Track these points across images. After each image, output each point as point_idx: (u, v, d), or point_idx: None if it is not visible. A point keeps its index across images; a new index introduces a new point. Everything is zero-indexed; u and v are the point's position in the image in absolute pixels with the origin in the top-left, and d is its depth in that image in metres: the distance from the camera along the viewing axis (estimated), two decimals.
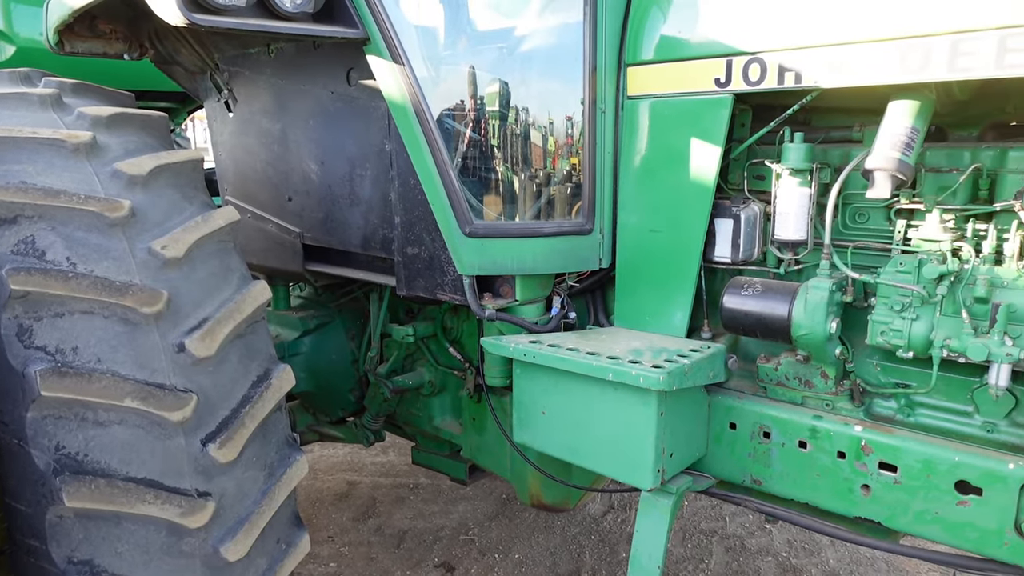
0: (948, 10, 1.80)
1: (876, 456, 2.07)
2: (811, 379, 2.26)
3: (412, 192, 2.51)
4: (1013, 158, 2.02)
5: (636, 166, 2.48)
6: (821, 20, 2.03)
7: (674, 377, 2.07)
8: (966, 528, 1.96)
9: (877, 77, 1.93)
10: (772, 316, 2.20)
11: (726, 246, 2.36)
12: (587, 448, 2.35)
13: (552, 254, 2.49)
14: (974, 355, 1.89)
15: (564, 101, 2.57)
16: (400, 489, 4.79)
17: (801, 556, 4.12)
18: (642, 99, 2.43)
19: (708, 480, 2.41)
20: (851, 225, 2.29)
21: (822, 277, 2.16)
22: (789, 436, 2.23)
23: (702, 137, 2.29)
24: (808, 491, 2.22)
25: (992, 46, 1.72)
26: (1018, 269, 1.93)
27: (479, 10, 3.49)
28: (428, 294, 2.63)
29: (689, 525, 4.40)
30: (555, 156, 2.63)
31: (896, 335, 2.04)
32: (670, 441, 2.21)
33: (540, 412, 2.45)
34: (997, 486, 1.89)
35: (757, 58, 2.13)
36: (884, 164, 1.90)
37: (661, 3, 2.38)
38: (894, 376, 2.23)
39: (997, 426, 2.05)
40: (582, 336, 2.51)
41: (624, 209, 2.53)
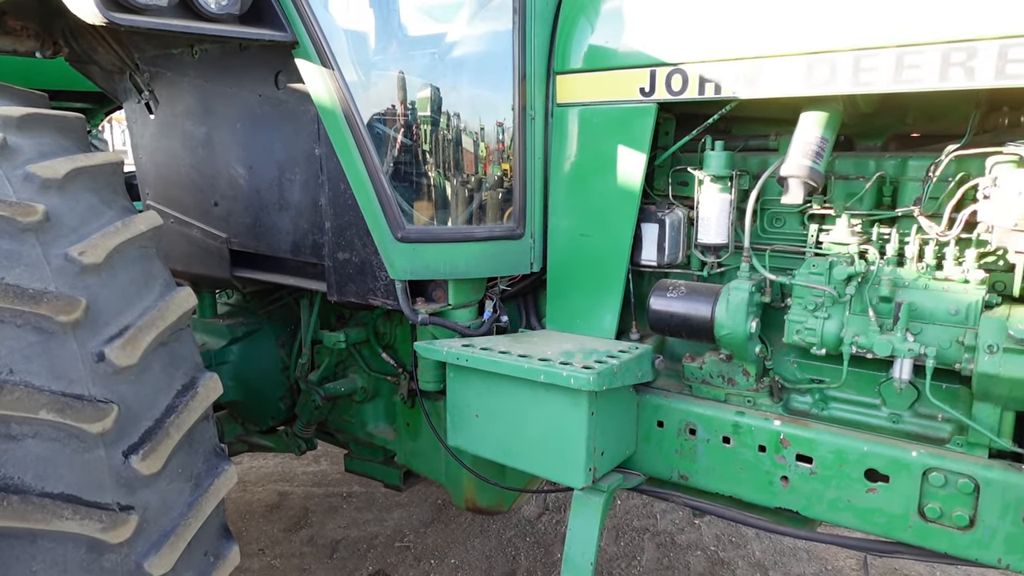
0: (851, 28, 1.92)
1: (794, 449, 2.18)
2: (733, 377, 2.35)
3: (343, 197, 2.49)
4: (913, 167, 2.17)
5: (566, 172, 2.54)
6: (738, 35, 2.13)
7: (603, 377, 2.13)
8: (875, 514, 2.08)
9: (789, 89, 2.04)
10: (696, 317, 2.28)
11: (652, 250, 2.44)
12: (520, 450, 2.38)
13: (484, 258, 2.52)
14: (880, 351, 2.02)
15: (495, 107, 2.60)
16: (333, 498, 4.72)
17: (729, 549, 4.26)
18: (570, 107, 2.49)
19: (638, 477, 2.48)
20: (769, 229, 2.40)
21: (742, 279, 2.26)
22: (713, 432, 2.31)
23: (628, 144, 2.36)
24: (732, 484, 2.31)
25: (891, 62, 1.85)
26: (918, 270, 2.07)
27: (410, 15, 3.49)
28: (360, 299, 2.61)
29: (621, 523, 4.49)
30: (487, 161, 2.66)
31: (810, 333, 2.15)
32: (601, 440, 2.26)
33: (474, 415, 2.47)
34: (902, 473, 2.02)
35: (679, 69, 2.22)
36: (796, 171, 2.01)
37: (588, 14, 2.45)
38: (809, 372, 2.35)
39: (902, 417, 2.18)
40: (514, 339, 2.54)
41: (554, 214, 2.58)
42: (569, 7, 2.47)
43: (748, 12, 2.12)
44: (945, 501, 1.97)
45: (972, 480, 1.92)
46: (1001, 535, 1.91)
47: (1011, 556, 1.90)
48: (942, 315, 1.99)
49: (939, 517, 1.98)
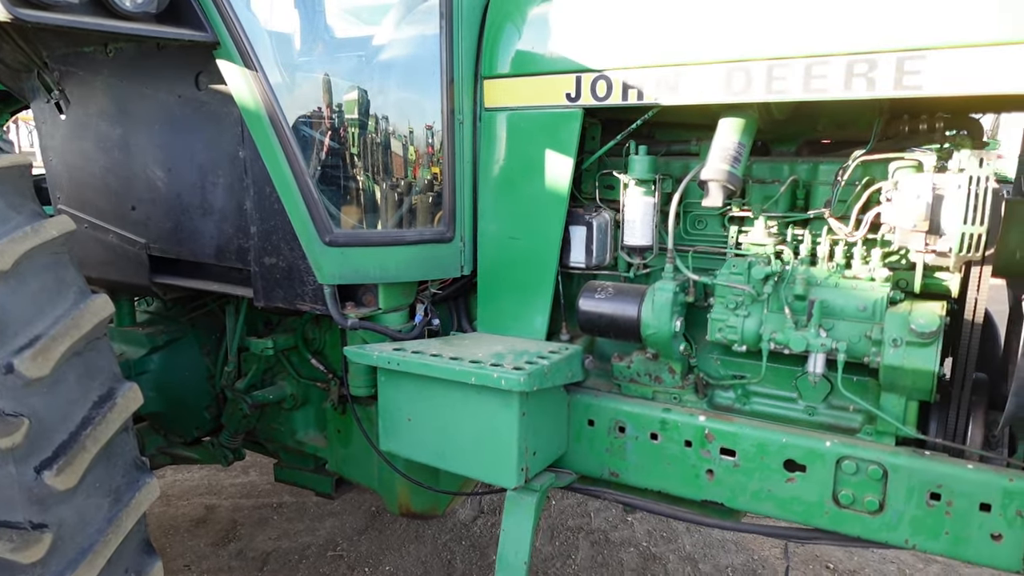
0: (764, 39, 2.02)
1: (718, 443, 2.26)
2: (660, 375, 2.42)
3: (268, 201, 2.44)
4: (823, 171, 2.29)
5: (495, 175, 2.56)
6: (659, 43, 2.20)
7: (534, 378, 2.16)
8: (794, 502, 2.18)
9: (707, 96, 2.12)
10: (623, 317, 2.34)
11: (581, 252, 2.49)
12: (453, 452, 2.38)
13: (414, 262, 2.52)
14: (795, 346, 2.12)
15: (423, 111, 2.60)
16: (263, 509, 4.60)
17: (660, 544, 4.36)
18: (498, 111, 2.51)
19: (570, 476, 2.52)
20: (691, 231, 2.49)
21: (666, 280, 2.33)
22: (642, 429, 2.37)
23: (555, 148, 2.40)
24: (660, 479, 2.38)
25: (800, 72, 1.95)
26: (829, 269, 2.18)
27: (337, 17, 3.45)
28: (288, 305, 2.56)
29: (556, 523, 4.54)
30: (416, 165, 2.66)
31: (731, 331, 2.23)
32: (532, 440, 2.29)
33: (406, 419, 2.46)
34: (817, 463, 2.12)
35: (603, 75, 2.27)
36: (715, 176, 2.09)
37: (515, 20, 2.48)
38: (732, 369, 2.44)
39: (817, 409, 2.29)
40: (445, 342, 2.54)
41: (484, 217, 2.60)
42: (495, 13, 2.49)
43: (669, 21, 2.19)
44: (857, 487, 2.08)
45: (881, 467, 2.03)
46: (908, 518, 2.02)
47: (917, 537, 2.02)
48: (851, 312, 2.10)
49: (852, 503, 2.09)
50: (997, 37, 1.73)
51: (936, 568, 4.03)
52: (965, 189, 1.85)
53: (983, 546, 1.94)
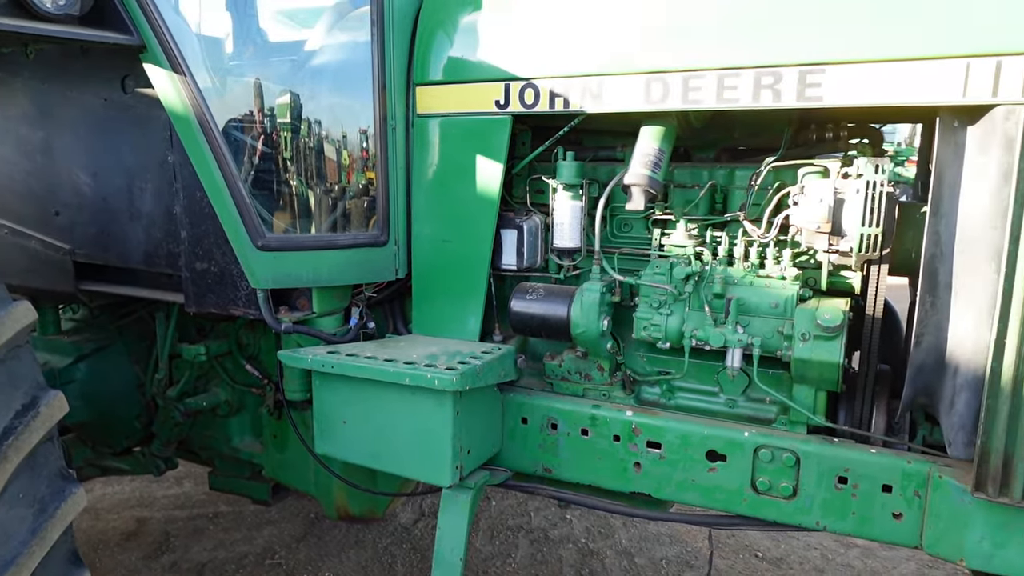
0: (679, 52, 2.13)
1: (644, 436, 2.35)
2: (589, 372, 2.51)
3: (199, 205, 2.43)
4: (739, 176, 2.42)
5: (428, 180, 2.61)
6: (584, 54, 2.29)
7: (467, 378, 2.21)
8: (716, 491, 2.29)
9: (629, 105, 2.22)
10: (553, 317, 2.42)
11: (512, 255, 2.56)
12: (388, 453, 2.42)
13: (348, 266, 2.54)
14: (714, 342, 2.23)
15: (356, 116, 2.63)
16: (198, 520, 4.51)
17: (598, 540, 4.46)
18: (431, 117, 2.56)
19: (505, 473, 2.58)
20: (618, 234, 2.59)
21: (594, 281, 2.42)
22: (573, 425, 2.45)
23: (486, 154, 2.47)
24: (591, 473, 2.46)
25: (713, 83, 2.07)
26: (744, 269, 2.31)
27: (269, 22, 3.44)
28: (220, 310, 2.55)
29: (496, 523, 4.59)
30: (350, 170, 2.68)
31: (656, 329, 2.34)
32: (467, 439, 2.35)
33: (341, 422, 2.48)
34: (737, 452, 2.24)
35: (531, 84, 2.35)
36: (637, 180, 2.19)
37: (446, 28, 2.53)
38: (657, 365, 2.54)
39: (736, 402, 2.42)
40: (380, 344, 2.58)
41: (418, 221, 2.64)
42: (427, 21, 2.55)
43: (593, 33, 2.29)
44: (773, 474, 2.20)
45: (794, 454, 2.16)
46: (819, 501, 2.16)
47: (827, 519, 2.16)
48: (765, 308, 2.23)
49: (768, 489, 2.21)
50: (887, 54, 1.87)
51: (855, 552, 4.25)
52: (863, 193, 1.99)
53: (886, 524, 2.08)
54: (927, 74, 1.83)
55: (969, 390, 1.90)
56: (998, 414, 1.79)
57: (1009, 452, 1.79)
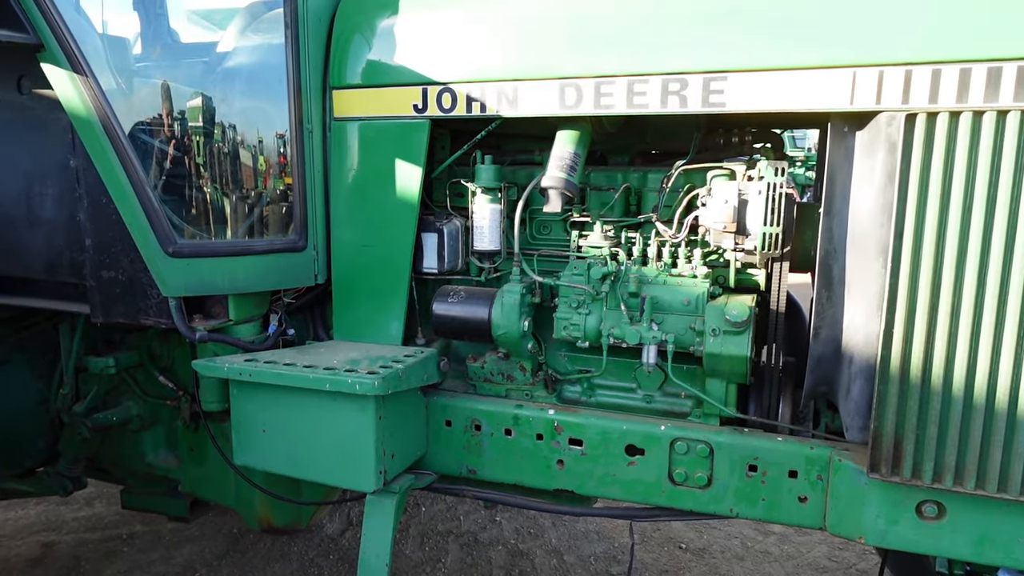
0: (591, 59, 2.20)
1: (567, 434, 2.40)
2: (512, 373, 2.55)
3: (105, 211, 2.34)
4: (652, 179, 2.51)
5: (347, 184, 2.59)
6: (500, 59, 2.33)
7: (389, 382, 2.21)
8: (636, 484, 2.36)
9: (544, 110, 2.27)
10: (475, 319, 2.45)
11: (433, 258, 2.57)
12: (310, 460, 2.38)
13: (266, 272, 2.49)
14: (631, 340, 2.31)
15: (272, 120, 2.59)
16: (111, 542, 4.30)
17: (527, 540, 4.51)
18: (348, 121, 2.55)
19: (430, 476, 2.58)
20: (537, 236, 2.64)
21: (514, 282, 2.46)
22: (496, 426, 2.48)
23: (405, 158, 2.47)
24: (515, 472, 2.49)
25: (623, 89, 2.15)
26: (658, 268, 2.39)
27: (180, 22, 3.34)
28: (130, 320, 2.46)
29: (426, 529, 4.57)
30: (266, 174, 2.64)
31: (575, 328, 2.40)
32: (390, 443, 2.34)
33: (261, 431, 2.43)
34: (654, 446, 2.31)
35: (448, 88, 2.37)
36: (554, 183, 2.25)
37: (363, 32, 2.53)
38: (578, 364, 2.60)
39: (653, 397, 2.50)
40: (300, 351, 2.54)
41: (337, 225, 2.62)
42: (343, 24, 2.53)
43: (508, 39, 2.33)
44: (688, 465, 2.28)
45: (708, 445, 2.25)
46: (731, 489, 2.25)
47: (739, 505, 2.25)
48: (678, 306, 2.32)
49: (685, 480, 2.29)
50: (783, 63, 1.99)
51: (773, 539, 4.43)
52: (764, 195, 2.10)
53: (793, 508, 2.19)
54: (818, 83, 1.95)
55: (862, 378, 2.03)
56: (888, 400, 1.92)
57: (899, 435, 1.92)
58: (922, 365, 1.87)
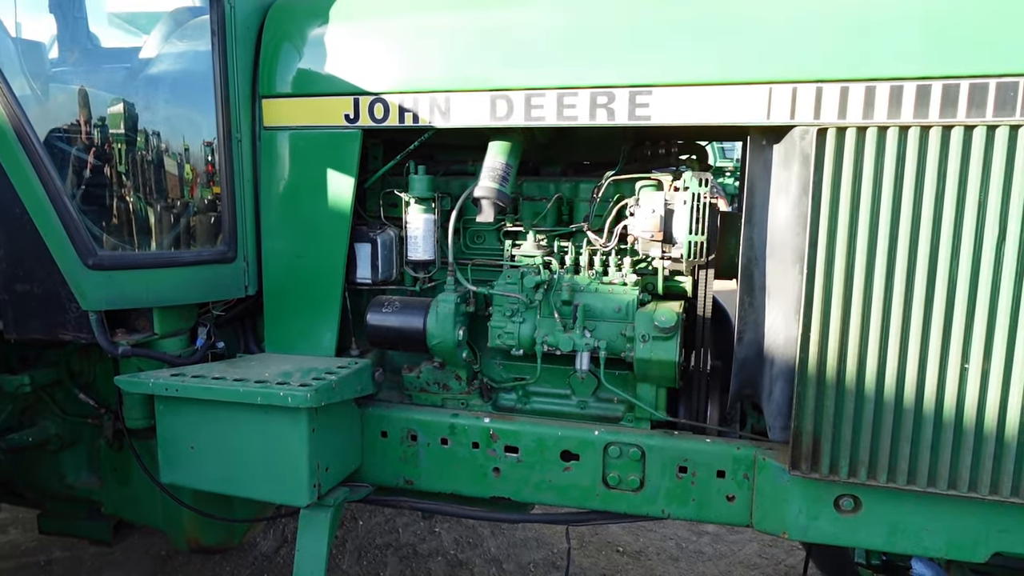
0: (522, 71, 2.24)
1: (502, 441, 2.42)
2: (447, 382, 2.55)
3: (18, 222, 2.24)
4: (583, 189, 2.56)
5: (277, 194, 2.55)
6: (432, 70, 2.35)
7: (321, 394, 2.18)
8: (571, 489, 2.40)
9: (476, 121, 2.30)
10: (410, 329, 2.44)
11: (367, 268, 2.55)
12: (241, 476, 2.33)
13: (193, 283, 2.43)
14: (564, 347, 2.35)
15: (199, 128, 2.53)
16: (27, 570, 4.08)
17: (467, 550, 4.50)
18: (279, 130, 2.52)
19: (365, 488, 2.56)
20: (471, 246, 2.66)
21: (449, 292, 2.48)
22: (432, 435, 2.48)
23: (337, 168, 2.46)
24: (452, 482, 2.50)
25: (553, 101, 2.19)
26: (589, 277, 2.44)
27: (101, 27, 3.23)
28: (46, 335, 2.36)
29: (364, 543, 4.51)
30: (193, 184, 2.58)
31: (509, 336, 2.42)
32: (324, 456, 2.31)
33: (189, 448, 2.36)
34: (588, 450, 2.35)
35: (380, 98, 2.37)
36: (486, 194, 2.27)
37: (293, 40, 2.50)
38: (513, 372, 2.63)
39: (587, 403, 2.55)
40: (230, 364, 2.49)
41: (268, 236, 2.58)
42: (272, 32, 2.50)
43: (440, 50, 2.35)
44: (621, 469, 2.33)
45: (640, 448, 2.30)
46: (663, 490, 2.31)
47: (671, 506, 2.32)
48: (609, 313, 2.37)
49: (618, 483, 2.34)
50: (704, 78, 2.07)
51: (706, 539, 4.55)
52: (689, 205, 2.18)
53: (721, 507, 2.27)
54: (737, 98, 2.04)
55: (783, 379, 2.13)
56: (807, 400, 2.01)
57: (817, 433, 2.02)
58: (837, 366, 1.97)
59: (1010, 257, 1.82)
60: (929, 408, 1.93)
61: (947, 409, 1.91)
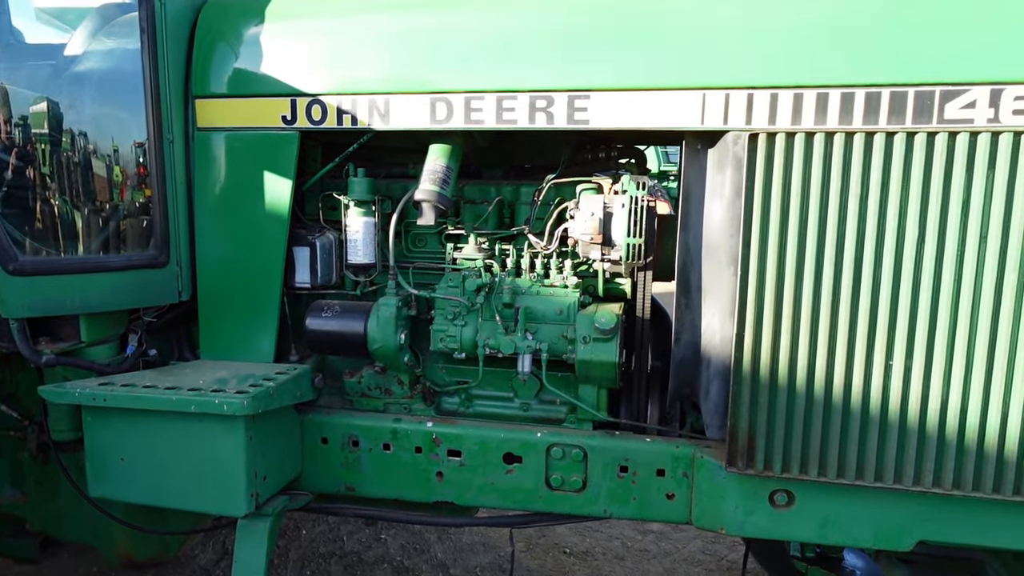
0: (462, 74, 2.24)
1: (445, 446, 2.41)
2: (389, 387, 2.53)
3: None
4: (524, 192, 2.57)
5: (212, 197, 2.49)
6: (370, 72, 2.32)
7: (259, 400, 2.14)
8: (514, 491, 2.40)
9: (415, 123, 2.29)
10: (350, 333, 2.41)
11: (306, 272, 2.51)
12: (175, 487, 2.26)
13: (123, 289, 2.35)
14: (505, 349, 2.35)
15: (129, 129, 2.45)
16: None
17: (413, 556, 4.46)
18: (214, 131, 2.46)
19: (306, 496, 2.51)
20: (413, 249, 2.64)
21: (390, 295, 2.45)
22: (374, 441, 2.45)
23: (274, 171, 2.41)
24: (395, 487, 2.47)
25: (493, 105, 2.20)
26: (531, 279, 2.46)
27: (27, 21, 3.09)
28: None
29: (307, 552, 4.43)
30: (123, 186, 2.49)
31: (451, 340, 2.41)
32: (262, 464, 2.26)
33: (119, 460, 2.28)
34: (531, 452, 2.36)
35: (318, 100, 2.34)
36: (426, 197, 2.26)
37: (228, 40, 2.45)
38: (455, 375, 2.62)
39: (530, 405, 2.56)
40: (163, 372, 2.41)
41: (203, 239, 2.51)
42: (205, 31, 2.44)
43: (379, 52, 2.33)
44: (564, 470, 2.35)
45: (582, 449, 2.32)
46: (604, 490, 2.33)
47: (612, 506, 2.34)
48: (551, 316, 2.39)
49: (561, 484, 2.35)
50: (640, 83, 2.11)
51: (651, 537, 4.62)
52: (627, 208, 2.21)
53: (661, 505, 2.30)
54: (672, 103, 2.08)
55: (719, 379, 2.17)
56: (742, 398, 2.06)
57: (752, 430, 2.07)
58: (770, 365, 2.03)
59: (929, 257, 1.91)
60: (856, 404, 2.00)
61: (873, 405, 1.99)
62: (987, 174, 1.85)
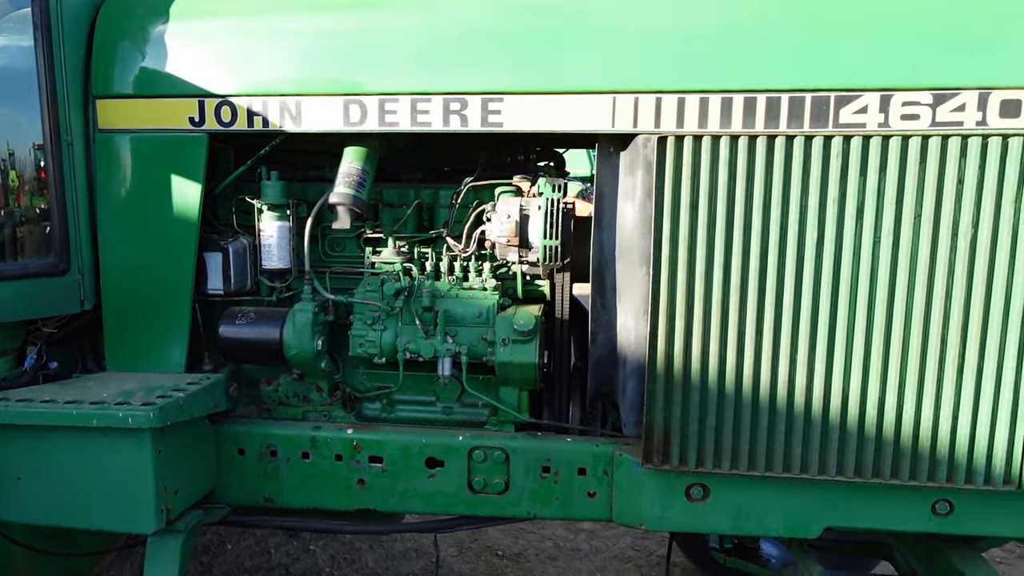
0: (375, 76, 2.22)
1: (366, 452, 2.37)
2: (308, 394, 2.48)
3: None
4: (443, 195, 2.57)
5: (116, 201, 2.39)
6: (280, 73, 2.28)
7: (167, 412, 2.06)
8: (437, 495, 2.38)
9: (329, 126, 2.26)
10: (266, 340, 2.36)
11: (218, 279, 2.44)
12: (79, 506, 2.16)
13: (18, 299, 2.23)
14: (425, 353, 2.34)
15: (24, 131, 2.33)
16: None
17: (343, 567, 4.38)
18: (116, 133, 2.36)
19: (222, 509, 2.44)
20: (331, 253, 2.60)
21: (306, 301, 2.41)
22: (293, 450, 2.39)
23: (182, 174, 2.33)
24: (315, 496, 2.42)
25: (407, 107, 2.19)
26: (450, 283, 2.45)
27: None
28: None
29: (232, 568, 4.29)
30: (19, 191, 2.36)
31: (371, 345, 2.38)
32: (172, 478, 2.18)
33: (15, 479, 2.16)
34: (453, 456, 2.35)
35: (227, 101, 2.28)
36: (341, 200, 2.23)
37: (131, 37, 2.36)
38: (377, 381, 2.58)
39: (452, 408, 2.55)
40: (64, 386, 2.30)
41: (107, 246, 2.41)
42: (106, 29, 2.35)
43: (290, 52, 2.28)
44: (486, 472, 2.34)
45: (504, 451, 2.32)
46: (527, 491, 2.34)
47: (535, 507, 2.35)
48: (470, 318, 2.38)
49: (484, 487, 2.35)
50: (553, 87, 2.13)
51: (583, 536, 4.67)
52: (544, 210, 2.23)
53: (583, 504, 2.32)
54: (584, 106, 2.11)
55: (635, 377, 2.22)
56: (656, 396, 2.10)
57: (667, 427, 2.11)
58: (682, 362, 2.08)
59: (828, 256, 1.99)
60: (765, 399, 2.07)
61: (780, 399, 2.06)
62: (879, 176, 1.94)
